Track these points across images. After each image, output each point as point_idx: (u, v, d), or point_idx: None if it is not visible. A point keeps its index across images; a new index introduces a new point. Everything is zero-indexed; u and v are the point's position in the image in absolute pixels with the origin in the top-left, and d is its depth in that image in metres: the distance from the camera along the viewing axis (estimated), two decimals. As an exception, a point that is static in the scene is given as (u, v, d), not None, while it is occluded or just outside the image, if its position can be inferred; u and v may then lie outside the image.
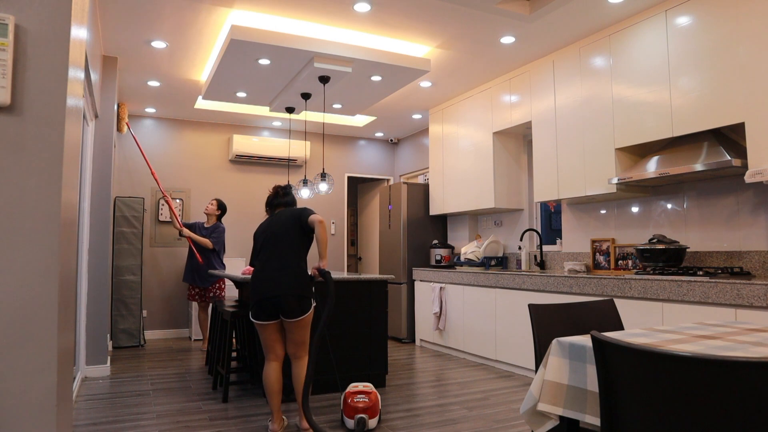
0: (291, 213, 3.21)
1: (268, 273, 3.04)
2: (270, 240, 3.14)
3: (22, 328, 1.50)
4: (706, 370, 1.03)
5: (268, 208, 3.39)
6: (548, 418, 1.65)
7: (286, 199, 3.37)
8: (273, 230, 3.17)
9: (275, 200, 3.37)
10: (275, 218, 3.24)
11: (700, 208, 3.87)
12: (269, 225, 3.21)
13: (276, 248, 3.10)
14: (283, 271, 3.03)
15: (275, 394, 3.08)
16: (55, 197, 1.56)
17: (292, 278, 3.02)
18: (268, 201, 3.39)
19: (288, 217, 3.19)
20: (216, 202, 5.67)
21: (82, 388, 4.14)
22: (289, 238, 3.12)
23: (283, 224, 3.16)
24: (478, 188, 5.64)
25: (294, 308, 3.01)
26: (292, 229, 3.15)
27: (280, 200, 3.36)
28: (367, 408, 3.16)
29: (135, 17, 4.06)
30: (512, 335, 4.70)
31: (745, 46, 3.26)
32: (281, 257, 3.07)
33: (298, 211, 3.20)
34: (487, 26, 4.20)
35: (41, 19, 1.57)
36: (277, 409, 3.09)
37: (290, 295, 2.99)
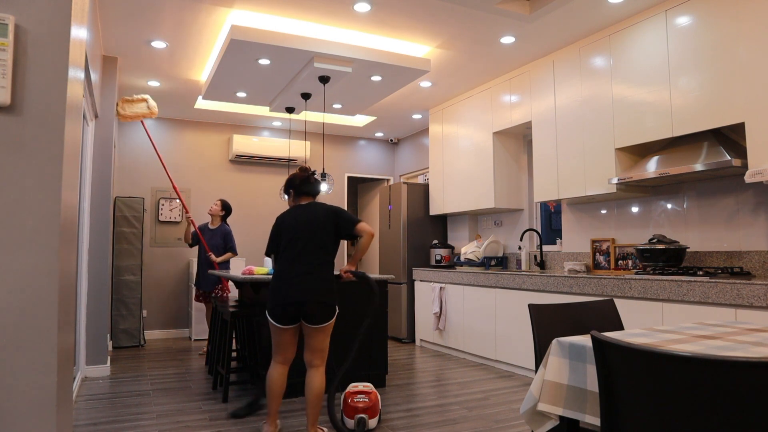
0: (327, 211, 2.93)
1: (296, 276, 2.81)
2: (300, 237, 2.87)
3: (22, 328, 1.50)
4: (706, 370, 1.03)
5: (293, 191, 3.04)
6: (548, 418, 1.65)
7: (316, 188, 3.03)
8: (304, 226, 2.88)
9: (305, 186, 3.01)
10: (305, 211, 2.93)
11: (700, 208, 3.87)
12: (299, 218, 2.91)
13: (306, 247, 2.86)
14: (312, 275, 2.82)
15: (277, 397, 2.92)
16: (55, 197, 1.56)
17: (320, 284, 2.82)
18: (295, 184, 3.02)
19: (323, 214, 2.91)
20: (220, 203, 5.58)
21: (82, 388, 4.14)
22: (321, 237, 2.88)
23: (317, 221, 2.89)
24: (478, 188, 5.64)
25: (319, 314, 2.82)
26: (328, 229, 2.90)
27: (311, 188, 3.01)
28: (367, 408, 3.16)
29: (135, 17, 4.06)
30: (512, 335, 4.70)
31: (745, 46, 3.26)
32: (311, 259, 2.85)
33: (335, 211, 2.94)
34: (487, 26, 4.20)
35: (41, 19, 1.57)
36: (275, 411, 2.94)
37: (317, 302, 2.80)
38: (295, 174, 3.06)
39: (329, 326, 2.90)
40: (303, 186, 3.02)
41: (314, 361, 2.91)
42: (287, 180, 3.08)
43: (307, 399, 2.88)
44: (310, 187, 3.03)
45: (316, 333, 2.87)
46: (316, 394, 2.87)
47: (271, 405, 2.94)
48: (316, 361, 2.91)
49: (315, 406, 2.88)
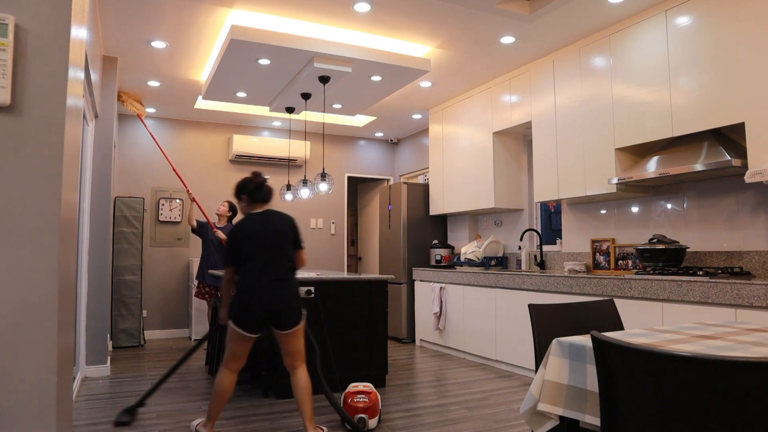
0: (286, 221, 2.99)
1: (267, 284, 2.84)
2: (267, 245, 2.90)
3: (22, 328, 1.50)
4: (706, 370, 1.03)
5: (246, 197, 3.02)
6: (548, 418, 1.65)
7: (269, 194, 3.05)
8: (270, 234, 2.92)
9: (259, 193, 3.01)
10: (266, 220, 2.96)
11: (700, 208, 3.87)
12: (263, 227, 2.93)
13: (274, 256, 2.90)
14: (282, 283, 2.87)
15: (224, 402, 2.90)
16: (55, 197, 1.56)
17: (290, 290, 2.89)
18: (249, 189, 3.00)
19: (284, 224, 2.98)
20: (228, 204, 5.68)
21: (82, 388, 4.14)
22: (285, 245, 2.94)
23: (281, 232, 2.95)
24: (478, 188, 5.64)
25: (290, 320, 2.88)
26: (288, 238, 2.96)
27: (265, 194, 3.03)
28: (367, 408, 3.16)
29: (135, 17, 4.06)
30: (512, 335, 4.70)
31: (745, 46, 3.26)
32: (279, 267, 2.90)
33: (294, 225, 3.02)
34: (487, 26, 4.20)
35: (41, 19, 1.57)
36: (217, 416, 2.91)
37: (289, 308, 2.87)
38: (249, 179, 3.04)
39: (300, 329, 2.97)
40: (257, 192, 3.00)
41: (295, 362, 2.97)
42: (239, 185, 3.05)
43: (300, 397, 2.91)
44: (265, 194, 3.02)
45: (291, 338, 2.94)
46: (307, 389, 2.92)
47: (216, 410, 2.90)
48: (297, 362, 2.97)
49: (309, 401, 2.91)
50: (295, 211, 7.48)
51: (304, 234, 7.52)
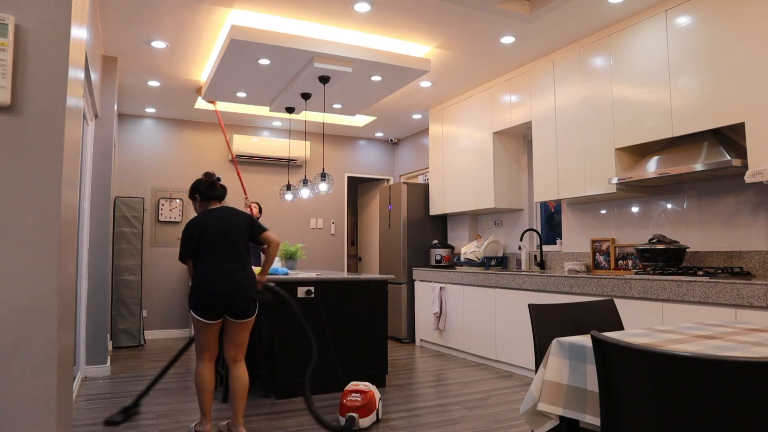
0: (241, 217, 3.06)
1: (224, 272, 2.90)
2: (224, 238, 2.96)
3: (22, 328, 1.50)
4: (706, 370, 1.03)
5: (199, 197, 3.11)
6: (548, 418, 1.65)
7: (222, 192, 3.14)
8: (226, 227, 2.99)
9: (211, 191, 3.11)
10: (222, 214, 3.04)
11: (700, 208, 3.87)
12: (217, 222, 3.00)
13: (231, 247, 2.96)
14: (239, 272, 2.93)
15: (210, 394, 2.95)
16: (55, 197, 1.56)
17: (247, 280, 2.94)
18: (201, 189, 3.10)
19: (238, 219, 3.05)
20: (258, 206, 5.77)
21: (82, 388, 4.14)
22: (241, 240, 3.01)
23: (235, 225, 3.02)
24: (478, 188, 5.64)
25: (245, 309, 2.93)
26: (244, 233, 3.03)
27: (217, 192, 3.12)
28: (359, 407, 3.16)
29: (135, 17, 4.06)
30: (512, 335, 4.70)
31: (745, 46, 3.26)
32: (236, 258, 2.96)
33: (248, 217, 3.09)
34: (487, 26, 4.20)
35: (41, 19, 1.57)
36: (209, 410, 2.96)
37: (245, 296, 2.91)
38: (200, 180, 3.14)
39: (251, 322, 3.02)
40: (210, 191, 3.11)
41: (237, 356, 3.01)
42: (192, 186, 3.16)
43: (236, 392, 2.95)
44: (217, 192, 3.12)
45: (240, 328, 2.98)
46: (244, 385, 2.97)
47: (206, 403, 2.95)
48: (239, 356, 3.02)
49: (243, 397, 2.97)
50: (295, 211, 7.49)
51: (304, 234, 7.52)
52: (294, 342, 3.93)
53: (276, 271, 4.10)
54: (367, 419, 3.18)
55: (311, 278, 3.97)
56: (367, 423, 3.19)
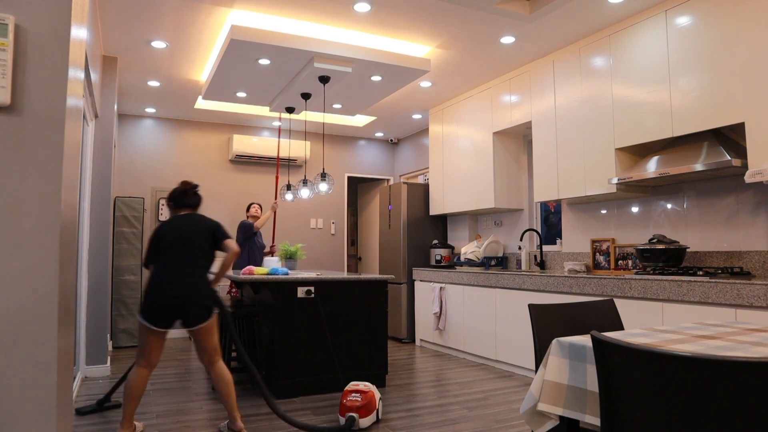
0: (206, 223, 3.07)
1: (174, 277, 2.89)
2: (180, 243, 2.97)
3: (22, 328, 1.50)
4: (706, 370, 1.03)
5: (172, 204, 3.17)
6: (548, 418, 1.65)
7: (194, 200, 3.19)
8: (185, 233, 3.00)
9: (184, 199, 3.15)
10: (184, 220, 3.07)
11: (700, 208, 3.87)
12: (179, 227, 3.03)
13: (185, 253, 2.96)
14: (191, 278, 2.91)
15: (136, 399, 2.92)
16: (55, 197, 1.56)
17: (198, 286, 2.91)
18: (174, 197, 3.16)
19: (203, 226, 3.05)
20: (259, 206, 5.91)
21: (82, 388, 4.14)
22: (201, 245, 3.01)
23: (196, 231, 3.02)
24: (478, 188, 5.64)
25: (195, 315, 2.89)
26: (206, 239, 3.03)
27: (189, 200, 3.17)
28: (359, 407, 3.16)
29: (135, 17, 4.06)
30: (512, 335, 4.70)
31: (745, 46, 3.26)
32: (190, 263, 2.94)
33: (214, 225, 3.08)
34: (487, 26, 4.20)
35: (41, 19, 1.57)
36: (132, 414, 2.93)
37: (196, 304, 2.87)
38: (176, 187, 3.21)
39: (211, 324, 2.97)
40: (181, 198, 3.15)
41: (212, 359, 3.00)
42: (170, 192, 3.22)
43: (222, 391, 2.97)
44: (188, 200, 3.16)
45: (200, 335, 2.95)
46: (228, 383, 2.98)
47: (129, 408, 2.91)
48: (214, 358, 3.01)
49: (230, 395, 2.98)
50: (295, 211, 7.49)
51: (304, 234, 7.51)
52: (294, 342, 3.92)
53: (276, 271, 4.10)
54: (366, 419, 3.18)
55: (311, 278, 3.97)
56: (367, 423, 3.19)
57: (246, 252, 5.69)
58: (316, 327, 4.01)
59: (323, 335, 4.03)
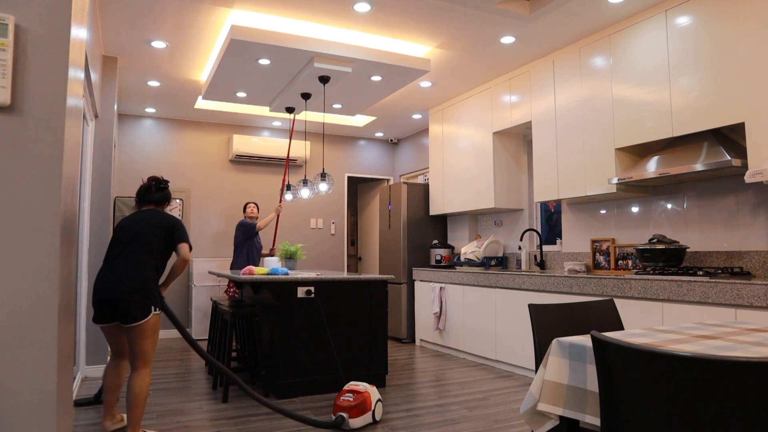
0: (164, 221, 3.01)
1: (113, 272, 2.82)
2: (127, 238, 2.91)
3: (22, 328, 1.50)
4: (706, 370, 1.03)
5: (137, 199, 3.16)
6: (548, 418, 1.65)
7: (158, 195, 3.14)
8: (133, 230, 2.94)
9: (144, 194, 3.12)
10: (140, 216, 3.01)
11: (700, 208, 3.87)
12: (132, 222, 2.98)
13: (131, 247, 2.88)
14: (129, 273, 2.82)
15: (109, 390, 2.93)
16: (55, 197, 1.56)
17: (135, 282, 2.80)
18: (138, 193, 3.14)
19: (159, 223, 2.99)
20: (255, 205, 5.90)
21: (82, 388, 4.14)
22: (150, 240, 2.93)
23: (149, 227, 2.96)
24: (478, 188, 5.64)
25: (129, 313, 2.77)
26: (157, 237, 2.96)
27: (152, 195, 3.13)
28: (351, 407, 3.16)
29: (135, 17, 4.06)
30: (512, 335, 4.70)
31: (745, 46, 3.26)
32: (132, 259, 2.86)
33: (171, 223, 3.02)
34: (487, 26, 4.20)
35: (41, 19, 1.57)
36: (108, 404, 2.94)
37: (128, 299, 2.77)
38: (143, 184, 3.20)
39: (144, 326, 2.82)
40: (144, 194, 3.15)
41: (135, 363, 2.84)
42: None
43: (128, 402, 2.80)
44: (149, 195, 3.15)
45: (132, 334, 2.82)
46: (133, 395, 2.79)
47: (104, 398, 2.95)
48: (136, 364, 2.84)
49: (131, 407, 2.79)
50: (295, 211, 7.49)
51: (304, 234, 7.51)
52: (294, 342, 3.92)
53: (276, 271, 4.10)
54: (359, 419, 3.17)
55: (311, 278, 3.97)
56: (360, 423, 3.18)
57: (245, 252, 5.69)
58: (316, 327, 4.01)
59: (323, 335, 4.03)
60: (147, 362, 2.85)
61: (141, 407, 2.80)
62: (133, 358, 2.85)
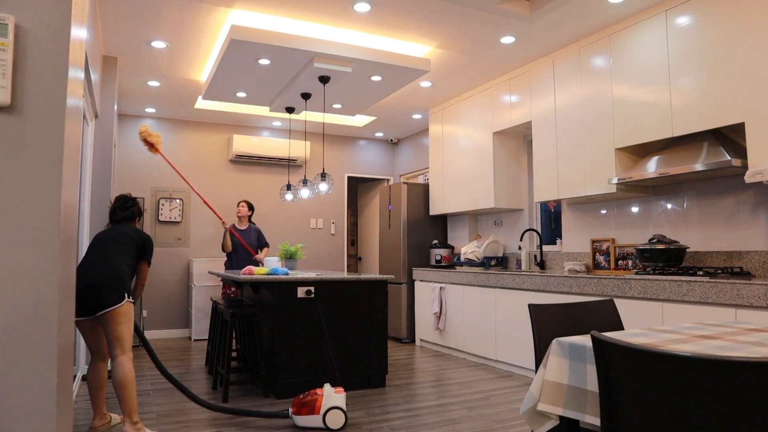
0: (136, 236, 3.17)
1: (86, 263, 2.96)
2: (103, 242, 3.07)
3: (22, 328, 1.50)
4: (706, 370, 1.03)
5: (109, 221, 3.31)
6: (548, 418, 1.65)
7: (125, 214, 3.27)
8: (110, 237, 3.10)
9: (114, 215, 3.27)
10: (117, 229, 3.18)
11: (700, 208, 3.87)
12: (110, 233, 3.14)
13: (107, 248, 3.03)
14: (103, 263, 2.94)
15: (94, 389, 3.03)
16: (55, 197, 1.56)
17: (109, 270, 2.92)
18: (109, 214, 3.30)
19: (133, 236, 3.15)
20: (246, 204, 5.69)
21: (82, 388, 4.14)
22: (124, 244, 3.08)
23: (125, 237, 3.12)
24: (478, 188, 5.64)
25: (102, 298, 2.86)
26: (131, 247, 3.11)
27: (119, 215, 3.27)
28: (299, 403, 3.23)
29: (135, 17, 4.06)
30: (512, 335, 4.70)
31: (745, 46, 3.26)
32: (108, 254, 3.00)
33: (143, 239, 3.17)
34: (487, 26, 4.20)
35: (41, 19, 1.57)
36: (95, 405, 3.04)
37: (101, 285, 2.86)
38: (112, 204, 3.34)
39: (120, 311, 2.89)
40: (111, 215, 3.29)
41: (113, 351, 2.90)
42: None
43: (116, 391, 2.86)
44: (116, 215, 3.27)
45: (109, 320, 2.87)
46: (122, 383, 2.84)
47: (91, 399, 3.03)
48: (114, 351, 2.89)
49: (121, 397, 2.85)
50: (296, 211, 7.49)
51: (304, 234, 7.51)
52: (294, 342, 3.92)
53: (276, 271, 4.10)
54: (304, 418, 3.18)
55: (311, 278, 3.97)
56: (305, 423, 3.18)
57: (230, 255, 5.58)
58: (317, 327, 4.01)
59: (323, 335, 4.03)
60: (125, 349, 2.91)
61: (131, 395, 2.85)
62: (110, 347, 2.90)
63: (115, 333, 2.89)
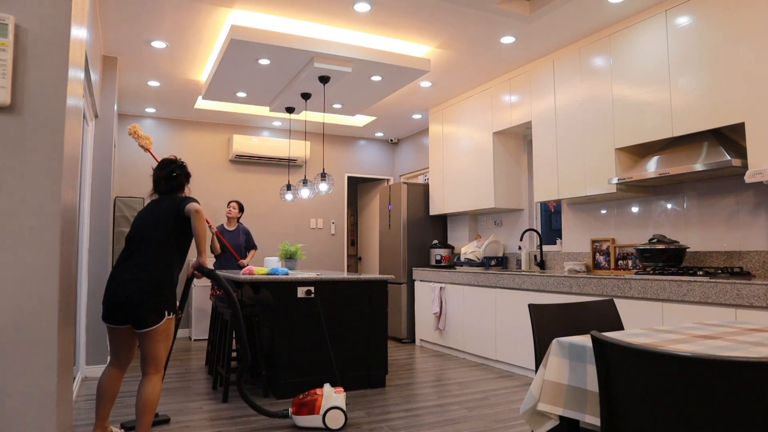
0: (170, 203, 2.80)
1: (124, 273, 2.65)
2: (141, 234, 2.73)
3: (22, 328, 1.50)
4: (706, 370, 1.03)
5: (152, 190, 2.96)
6: (548, 418, 1.65)
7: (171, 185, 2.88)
8: (146, 221, 2.75)
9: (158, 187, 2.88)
10: (152, 206, 2.82)
11: (700, 208, 3.87)
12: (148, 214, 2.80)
13: (142, 244, 2.70)
14: (141, 275, 2.63)
15: (103, 399, 2.73)
16: (55, 197, 1.56)
17: (147, 284, 2.63)
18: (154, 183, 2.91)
19: (166, 207, 2.77)
20: (237, 205, 5.63)
21: (82, 388, 4.14)
22: (160, 233, 2.73)
23: (158, 215, 2.76)
24: (478, 188, 5.64)
25: (142, 318, 2.61)
26: (168, 222, 2.74)
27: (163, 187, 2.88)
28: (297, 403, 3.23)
29: (135, 17, 4.06)
30: (512, 335, 4.70)
31: (745, 46, 3.26)
32: (145, 256, 2.68)
33: (178, 201, 2.78)
34: (487, 26, 4.20)
35: (41, 19, 1.57)
36: (101, 416, 2.73)
37: (139, 304, 2.60)
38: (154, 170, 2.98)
39: (157, 331, 2.65)
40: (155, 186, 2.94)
41: (146, 368, 2.68)
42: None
43: (137, 408, 2.64)
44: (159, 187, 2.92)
45: (144, 339, 2.66)
46: (142, 402, 2.62)
47: (97, 407, 2.74)
48: (147, 369, 2.67)
49: (141, 415, 2.62)
50: (296, 211, 7.49)
51: (304, 234, 7.51)
52: (294, 342, 3.92)
53: (276, 271, 4.10)
54: (305, 418, 3.18)
55: (311, 278, 3.97)
56: (305, 423, 3.18)
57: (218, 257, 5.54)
58: (316, 327, 4.01)
59: (323, 335, 4.03)
60: (158, 368, 2.69)
61: (151, 415, 2.66)
62: (144, 363, 2.69)
63: (151, 351, 2.66)
